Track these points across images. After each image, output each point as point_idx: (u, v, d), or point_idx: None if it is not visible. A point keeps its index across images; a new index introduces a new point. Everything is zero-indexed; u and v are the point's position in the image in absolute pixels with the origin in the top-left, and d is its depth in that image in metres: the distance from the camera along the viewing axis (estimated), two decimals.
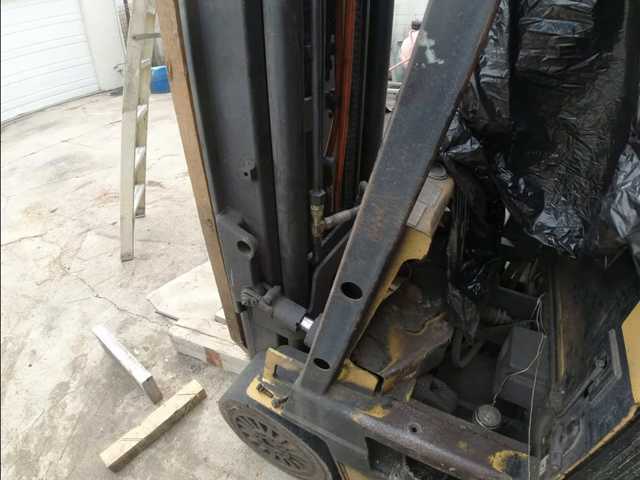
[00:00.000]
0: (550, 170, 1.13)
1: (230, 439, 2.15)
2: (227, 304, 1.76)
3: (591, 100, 1.01)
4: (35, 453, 2.16)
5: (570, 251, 1.04)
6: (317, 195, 1.24)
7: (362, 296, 0.93)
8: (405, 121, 0.67)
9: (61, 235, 3.95)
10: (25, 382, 2.54)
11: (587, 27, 0.95)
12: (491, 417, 1.23)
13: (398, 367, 1.21)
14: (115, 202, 4.40)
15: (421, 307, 1.44)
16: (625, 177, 0.79)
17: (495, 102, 1.09)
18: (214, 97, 1.08)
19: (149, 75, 3.30)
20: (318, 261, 1.44)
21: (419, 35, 0.59)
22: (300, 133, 1.09)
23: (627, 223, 0.76)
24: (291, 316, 1.38)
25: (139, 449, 2.10)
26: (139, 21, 2.71)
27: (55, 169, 5.30)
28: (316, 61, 1.05)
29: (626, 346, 0.84)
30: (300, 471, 1.80)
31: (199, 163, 1.26)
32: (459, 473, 1.10)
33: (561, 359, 1.19)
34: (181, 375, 2.53)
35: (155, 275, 3.36)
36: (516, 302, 1.63)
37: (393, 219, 0.78)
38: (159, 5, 1.02)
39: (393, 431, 1.16)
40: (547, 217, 1.11)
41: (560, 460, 0.92)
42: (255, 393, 1.42)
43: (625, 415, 0.73)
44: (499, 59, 1.06)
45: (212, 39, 0.98)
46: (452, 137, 1.09)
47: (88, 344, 2.77)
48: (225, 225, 1.27)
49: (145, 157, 3.63)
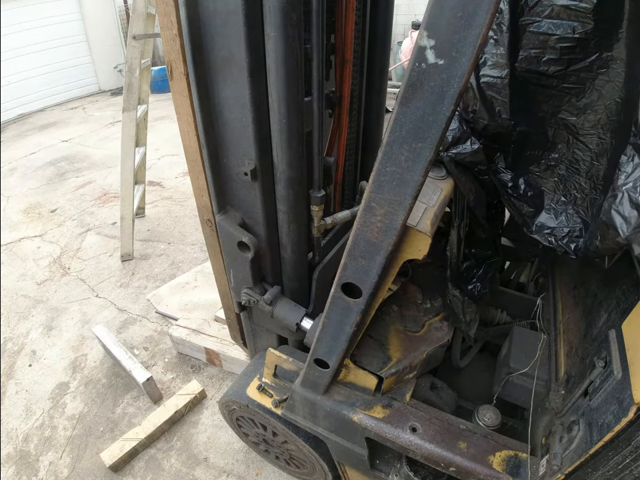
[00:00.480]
0: (550, 170, 1.13)
1: (230, 439, 2.16)
2: (227, 304, 1.76)
3: (591, 100, 1.01)
4: (35, 453, 2.16)
5: (570, 251, 1.04)
6: (317, 194, 1.24)
7: (362, 296, 0.93)
8: (404, 121, 0.67)
9: (61, 235, 3.95)
10: (24, 382, 2.54)
11: (587, 27, 0.95)
12: (491, 416, 1.23)
13: (398, 367, 1.21)
14: (115, 202, 4.40)
15: (421, 307, 1.44)
16: (625, 177, 0.79)
17: (494, 102, 1.09)
18: (214, 96, 1.08)
19: (148, 75, 3.30)
20: (318, 261, 1.44)
21: (419, 35, 0.59)
22: (300, 133, 1.08)
23: (628, 223, 0.76)
24: (290, 316, 1.38)
25: (138, 449, 2.10)
26: (138, 21, 2.71)
27: (55, 169, 5.30)
28: (316, 60, 1.05)
29: (626, 346, 0.84)
30: (300, 471, 1.80)
31: (199, 163, 1.26)
32: (459, 472, 1.10)
33: (561, 358, 1.19)
34: (181, 374, 2.53)
35: (155, 275, 3.36)
36: (516, 302, 1.62)
37: (392, 219, 0.78)
38: (158, 4, 1.02)
39: (392, 431, 1.16)
40: (547, 217, 1.11)
41: (560, 460, 0.92)
42: (255, 392, 1.42)
43: (625, 415, 0.73)
44: (499, 58, 1.06)
45: (212, 39, 0.98)
46: (452, 137, 1.09)
47: (88, 344, 2.77)
48: (225, 224, 1.27)
49: (144, 157, 3.63)
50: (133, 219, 3.42)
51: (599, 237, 0.86)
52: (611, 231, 0.79)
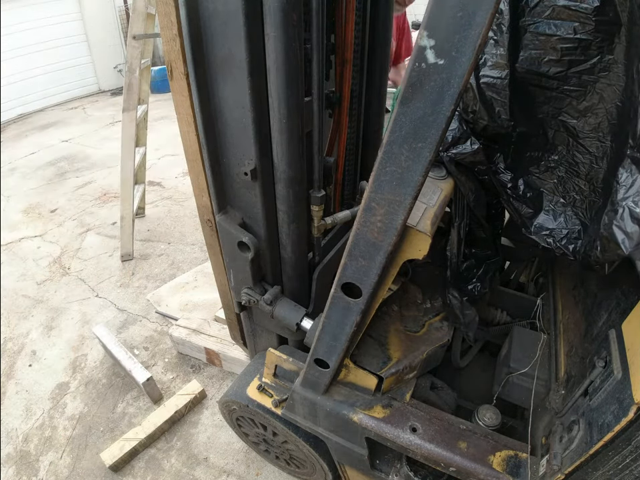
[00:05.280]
0: (549, 171, 1.13)
1: (230, 439, 2.16)
2: (227, 304, 1.76)
3: (592, 103, 1.01)
4: (35, 453, 2.16)
5: (568, 252, 1.03)
6: (317, 195, 1.24)
7: (362, 296, 0.93)
8: (404, 121, 0.67)
9: (61, 235, 3.95)
10: (24, 382, 2.54)
11: (588, 27, 0.95)
12: (491, 417, 1.23)
13: (398, 366, 1.21)
14: (115, 202, 4.40)
15: (420, 307, 1.44)
16: (625, 191, 0.78)
17: (494, 102, 1.09)
18: (214, 97, 1.08)
19: (148, 75, 3.30)
20: (318, 261, 1.44)
21: (419, 35, 0.59)
22: (300, 132, 1.08)
23: (630, 239, 0.75)
24: (290, 316, 1.38)
25: (139, 449, 2.10)
26: (138, 21, 2.71)
27: (55, 168, 5.30)
28: (316, 60, 1.05)
29: (626, 346, 0.84)
30: (300, 471, 1.80)
31: (199, 163, 1.26)
32: (459, 472, 1.10)
33: (561, 358, 1.19)
34: (181, 375, 2.53)
35: (155, 274, 3.36)
36: (516, 302, 1.62)
37: (393, 219, 0.78)
38: (159, 4, 1.02)
39: (393, 431, 1.16)
40: (545, 218, 1.11)
41: (560, 460, 0.92)
42: (255, 392, 1.42)
43: (625, 414, 0.73)
44: (499, 59, 1.06)
45: (212, 39, 0.98)
46: (452, 137, 1.09)
47: (88, 344, 2.77)
48: (225, 224, 1.27)
49: (145, 157, 3.63)
50: (133, 219, 3.42)
51: (599, 248, 0.86)
52: (612, 244, 0.79)
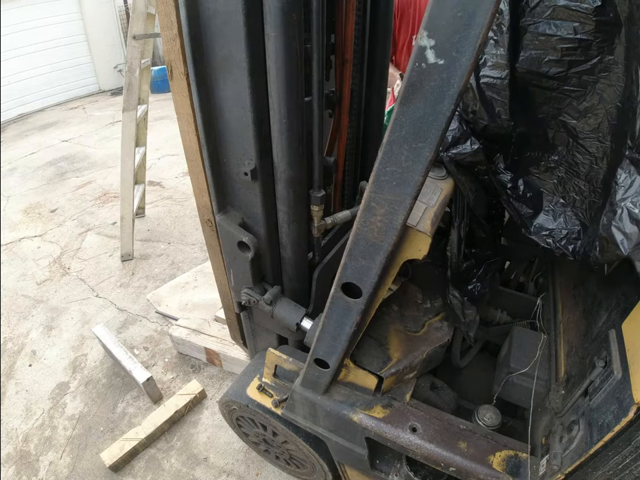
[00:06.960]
0: (549, 172, 1.13)
1: (230, 439, 2.16)
2: (227, 304, 1.76)
3: (592, 104, 1.01)
4: (35, 452, 2.16)
5: (568, 253, 1.03)
6: (317, 194, 1.24)
7: (362, 296, 0.93)
8: (404, 121, 0.67)
9: (61, 234, 3.95)
10: (24, 382, 2.54)
11: (588, 28, 0.94)
12: (491, 416, 1.23)
13: (398, 366, 1.21)
14: (115, 202, 4.40)
15: (421, 307, 1.44)
16: (624, 191, 0.78)
17: (494, 103, 1.08)
18: (214, 97, 1.08)
19: (148, 75, 3.30)
20: (318, 261, 1.44)
21: (419, 34, 0.59)
22: (300, 133, 1.08)
23: (629, 240, 0.75)
24: (290, 316, 1.38)
25: (139, 449, 2.10)
26: (138, 20, 2.71)
27: (55, 168, 5.30)
28: (316, 60, 1.05)
29: (626, 346, 0.84)
30: (300, 471, 1.80)
31: (199, 163, 1.26)
32: (459, 472, 1.10)
33: (561, 358, 1.19)
34: (180, 374, 2.53)
35: (155, 274, 3.36)
36: (516, 302, 1.63)
37: (393, 219, 0.78)
38: (159, 4, 1.02)
39: (393, 431, 1.16)
40: (545, 218, 1.11)
41: (560, 460, 0.92)
42: (254, 392, 1.42)
43: (625, 414, 0.73)
44: (499, 59, 1.06)
45: (212, 39, 0.98)
46: (452, 137, 1.09)
47: (88, 344, 2.77)
48: (225, 224, 1.27)
49: (145, 156, 3.63)
50: (133, 219, 3.42)
51: (598, 249, 0.86)
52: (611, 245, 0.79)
